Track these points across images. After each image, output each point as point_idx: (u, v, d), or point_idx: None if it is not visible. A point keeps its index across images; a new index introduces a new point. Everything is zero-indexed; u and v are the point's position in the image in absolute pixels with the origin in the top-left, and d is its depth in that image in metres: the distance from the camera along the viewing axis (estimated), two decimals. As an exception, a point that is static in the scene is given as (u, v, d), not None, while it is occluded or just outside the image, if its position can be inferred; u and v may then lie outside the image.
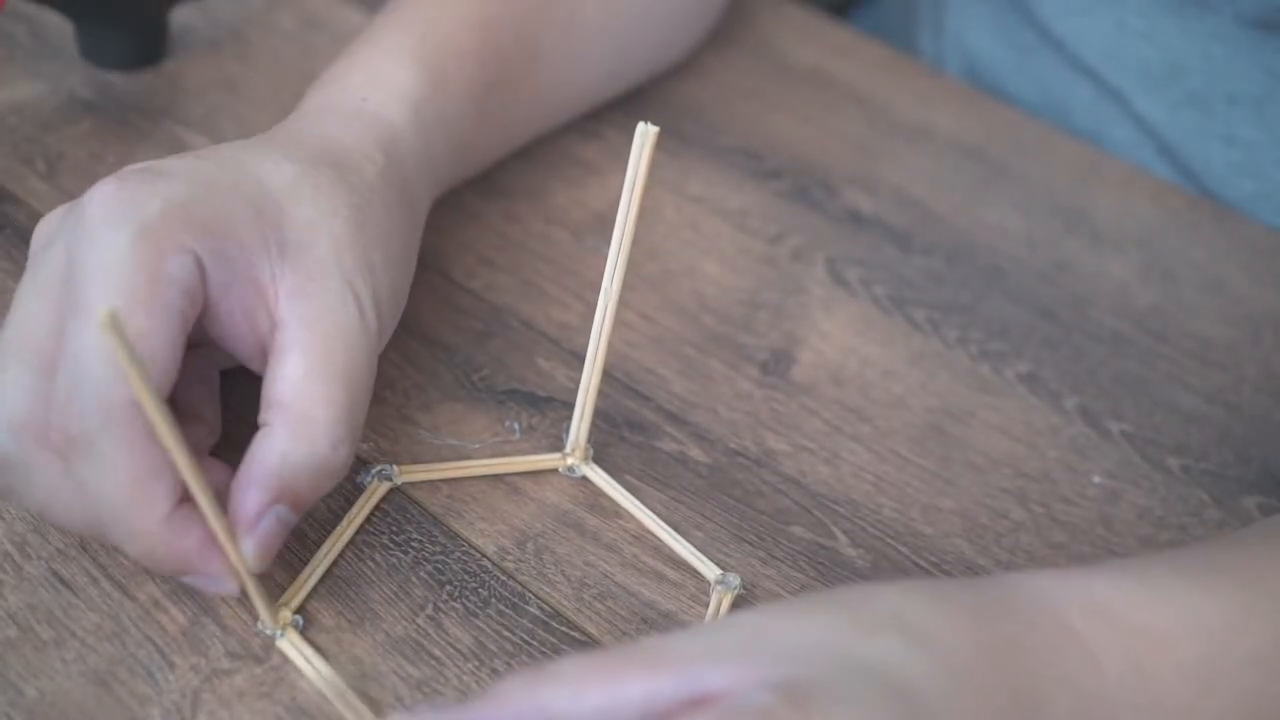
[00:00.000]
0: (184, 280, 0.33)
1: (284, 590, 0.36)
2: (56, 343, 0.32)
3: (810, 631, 0.29)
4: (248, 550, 0.32)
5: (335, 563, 0.38)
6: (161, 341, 0.32)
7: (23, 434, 0.32)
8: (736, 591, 0.38)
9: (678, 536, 0.39)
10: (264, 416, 0.34)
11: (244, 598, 0.35)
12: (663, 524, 0.40)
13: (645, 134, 0.35)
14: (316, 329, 0.34)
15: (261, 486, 0.32)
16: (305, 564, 0.37)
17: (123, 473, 0.31)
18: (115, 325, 0.26)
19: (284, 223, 0.35)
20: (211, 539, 0.32)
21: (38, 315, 0.33)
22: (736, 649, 0.28)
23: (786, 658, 0.27)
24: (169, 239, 0.32)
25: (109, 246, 0.32)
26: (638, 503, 0.40)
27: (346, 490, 0.40)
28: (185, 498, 0.32)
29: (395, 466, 0.40)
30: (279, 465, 0.33)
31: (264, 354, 0.35)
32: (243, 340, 0.35)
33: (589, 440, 0.41)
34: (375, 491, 0.39)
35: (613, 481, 0.41)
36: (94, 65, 0.52)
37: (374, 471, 0.40)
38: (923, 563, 0.40)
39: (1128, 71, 0.59)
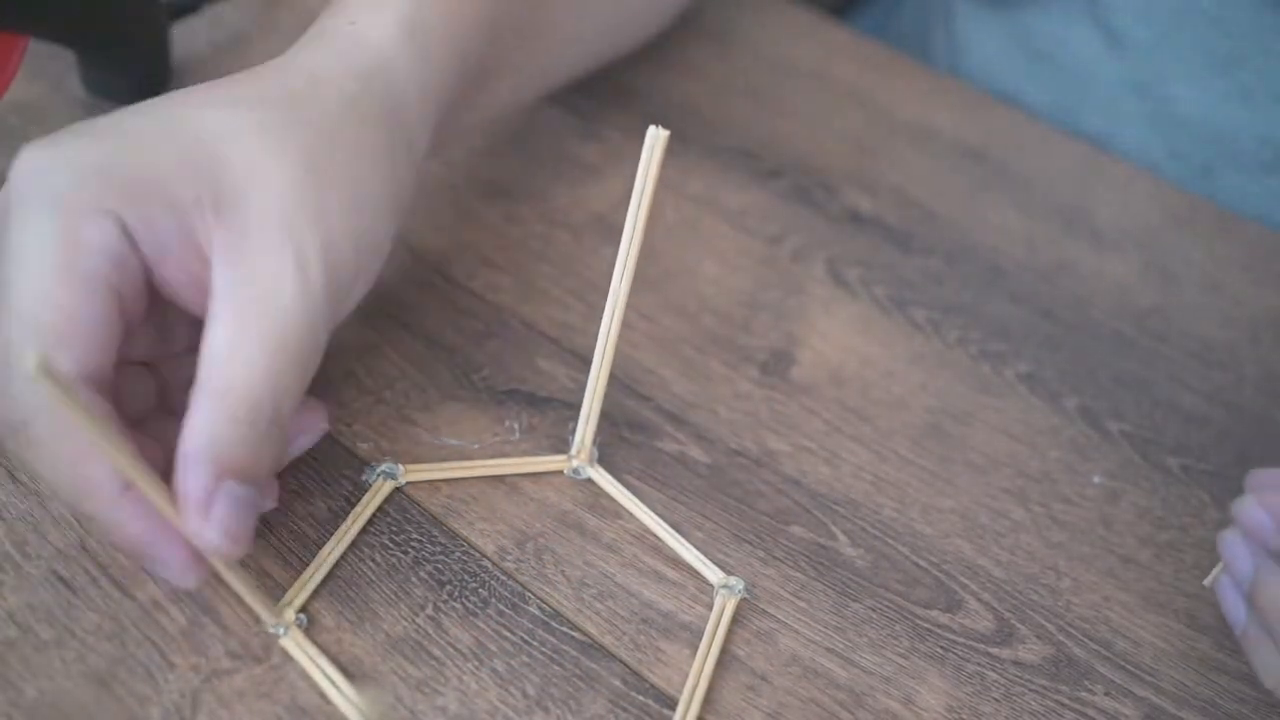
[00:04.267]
0: (107, 246, 0.30)
1: (285, 589, 0.36)
2: None
3: None
4: (212, 537, 0.30)
5: (336, 563, 0.38)
6: (88, 315, 0.30)
7: None
8: (741, 596, 0.38)
9: (681, 539, 0.39)
10: (190, 400, 0.31)
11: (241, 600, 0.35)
12: (667, 527, 0.40)
13: (656, 137, 0.35)
14: (243, 294, 0.31)
15: (198, 466, 0.30)
16: (307, 563, 0.37)
17: (61, 457, 0.30)
18: (46, 370, 0.25)
19: (220, 173, 0.32)
20: (168, 525, 0.31)
21: None
22: None
23: None
24: (84, 205, 0.30)
25: (22, 226, 0.30)
26: (642, 505, 0.40)
27: (348, 490, 0.40)
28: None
29: (400, 466, 0.40)
30: (208, 442, 0.31)
31: None
32: (196, 305, 0.32)
33: (594, 442, 0.41)
34: (380, 490, 0.39)
35: (618, 484, 0.41)
36: (98, 97, 0.52)
37: (379, 470, 0.40)
38: (922, 562, 0.40)
39: (1182, 56, 0.59)
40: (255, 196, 0.32)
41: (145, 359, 0.36)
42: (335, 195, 0.33)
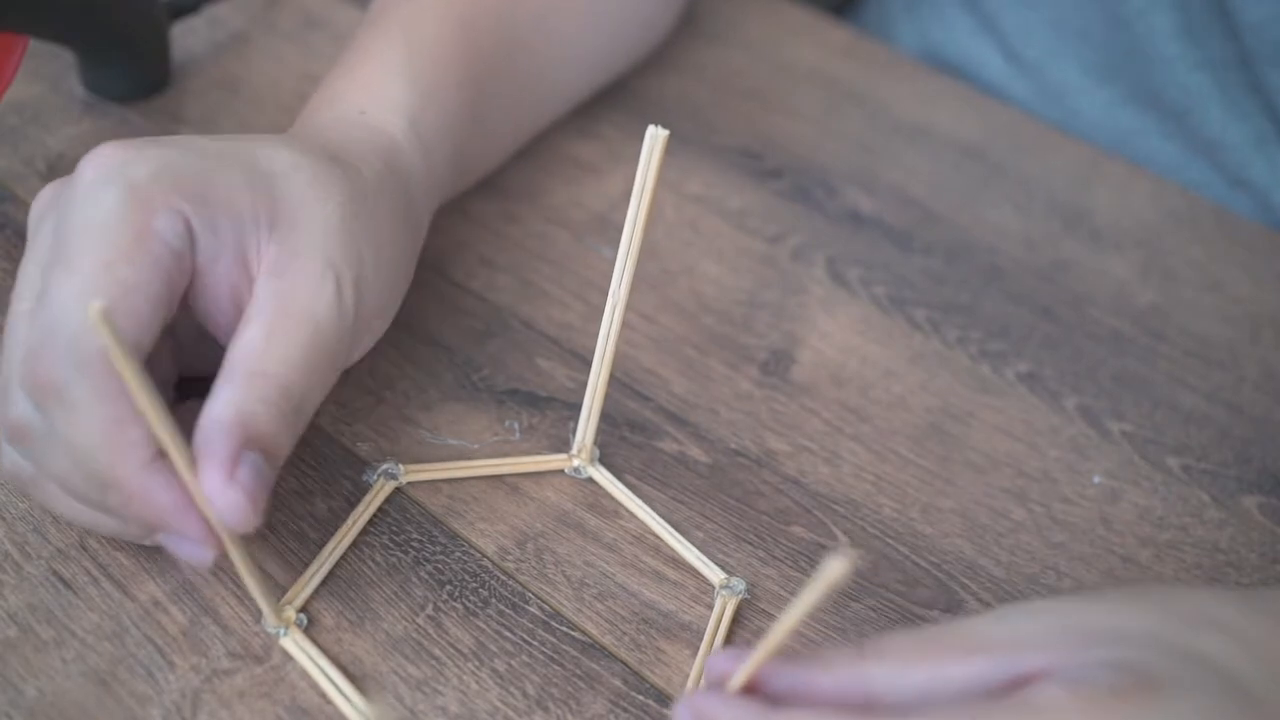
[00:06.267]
0: (172, 240, 0.32)
1: (286, 590, 0.36)
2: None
3: (1129, 620, 0.29)
4: (236, 497, 0.31)
5: (336, 563, 0.38)
6: (145, 296, 0.32)
7: None
8: (741, 596, 0.38)
9: (682, 539, 0.39)
10: (216, 382, 0.33)
11: (246, 596, 0.35)
12: (667, 526, 0.40)
13: (655, 137, 0.35)
14: (286, 304, 0.34)
15: (225, 432, 0.31)
16: (306, 563, 0.37)
17: (97, 419, 0.31)
18: (106, 320, 0.26)
19: (276, 200, 0.35)
20: (191, 498, 0.31)
21: (37, 285, 0.33)
22: (1052, 633, 0.29)
23: (1110, 642, 0.28)
24: (159, 198, 0.32)
25: (97, 203, 0.32)
26: (643, 504, 0.40)
27: (348, 490, 0.40)
28: (163, 455, 0.31)
29: (401, 466, 0.40)
30: (235, 414, 0.32)
31: None
32: (224, 315, 0.35)
33: (594, 441, 0.41)
34: (381, 490, 0.39)
35: (618, 483, 0.41)
36: (98, 97, 0.52)
37: (380, 470, 0.40)
38: (923, 563, 0.40)
39: (1069, 70, 0.60)
40: (303, 227, 0.35)
41: None
42: (369, 247, 0.36)
